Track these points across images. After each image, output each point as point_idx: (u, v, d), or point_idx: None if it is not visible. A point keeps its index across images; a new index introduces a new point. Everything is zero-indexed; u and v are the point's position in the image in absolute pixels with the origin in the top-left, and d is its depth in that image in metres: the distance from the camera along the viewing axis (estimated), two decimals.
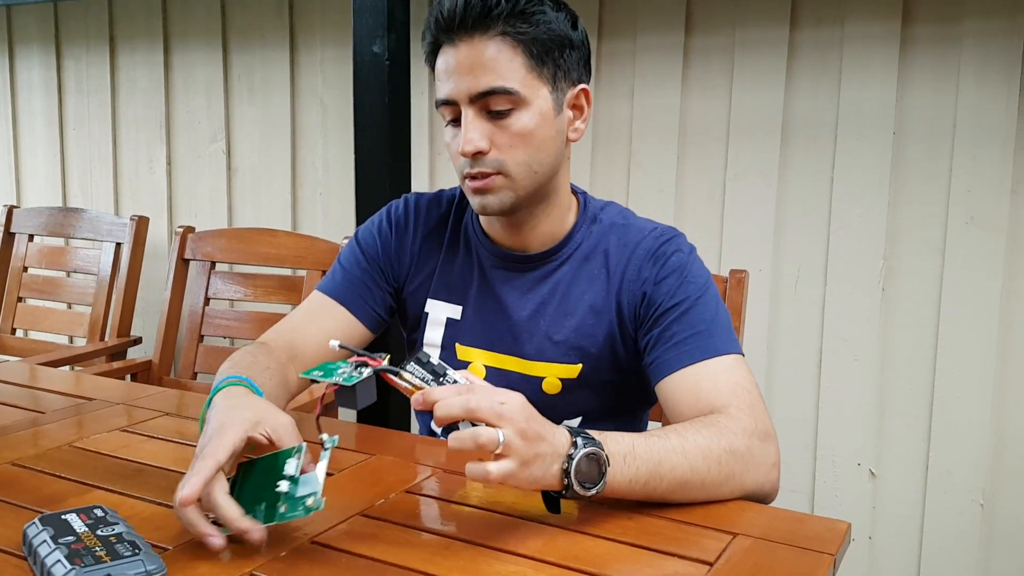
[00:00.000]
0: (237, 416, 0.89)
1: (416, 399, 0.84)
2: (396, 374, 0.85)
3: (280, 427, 0.90)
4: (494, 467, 0.82)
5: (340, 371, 0.85)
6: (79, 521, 0.82)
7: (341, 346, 0.89)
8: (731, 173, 2.02)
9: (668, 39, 2.04)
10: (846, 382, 1.96)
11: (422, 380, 0.85)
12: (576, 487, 0.86)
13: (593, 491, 0.87)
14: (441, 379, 0.87)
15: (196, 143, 2.71)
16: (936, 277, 1.87)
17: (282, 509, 0.83)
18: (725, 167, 2.03)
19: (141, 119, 2.79)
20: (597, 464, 0.88)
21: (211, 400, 0.96)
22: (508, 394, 0.85)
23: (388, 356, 0.88)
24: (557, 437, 0.87)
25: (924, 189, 1.86)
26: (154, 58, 2.73)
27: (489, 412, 0.82)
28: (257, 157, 2.61)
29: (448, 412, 0.82)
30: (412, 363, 0.87)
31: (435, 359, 0.88)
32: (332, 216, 2.52)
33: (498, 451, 0.82)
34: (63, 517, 0.83)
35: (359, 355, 0.87)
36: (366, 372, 0.84)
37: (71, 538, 0.78)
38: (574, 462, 0.86)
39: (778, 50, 1.94)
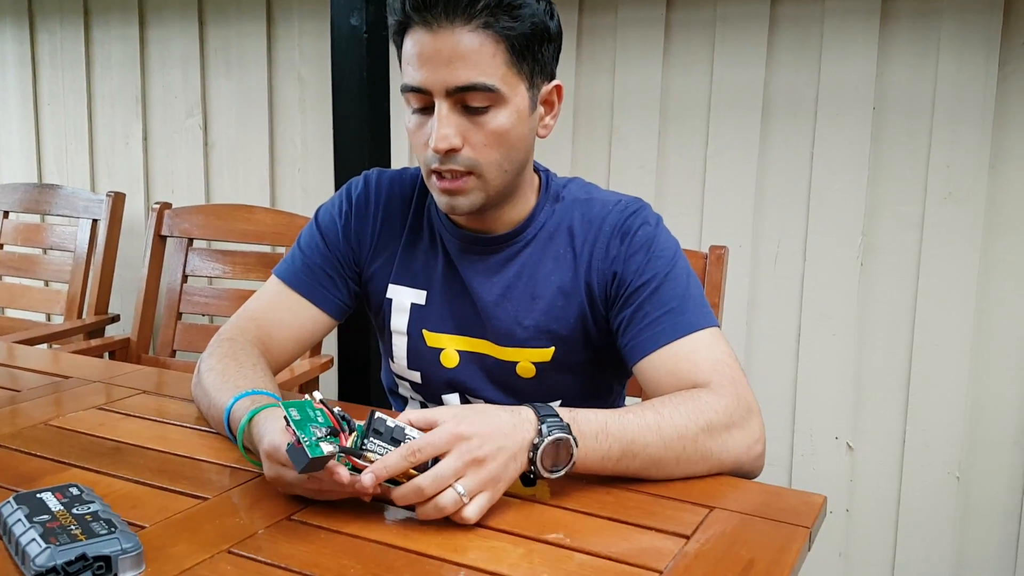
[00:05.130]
0: None
1: (367, 479, 0.83)
2: (359, 456, 0.84)
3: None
4: (468, 511, 0.84)
5: (313, 428, 0.83)
6: (54, 500, 0.81)
7: (321, 401, 0.87)
8: (712, 149, 2.02)
9: (649, 13, 2.02)
10: (825, 357, 1.97)
11: (383, 458, 0.84)
12: (543, 472, 0.88)
13: (561, 473, 0.89)
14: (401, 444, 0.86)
15: (172, 118, 2.67)
16: (914, 252, 1.88)
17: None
18: (706, 142, 2.02)
19: (116, 94, 2.75)
20: (565, 449, 0.89)
21: (248, 422, 0.96)
22: (447, 432, 0.84)
23: (346, 417, 0.87)
24: (518, 431, 0.87)
25: (903, 164, 1.87)
26: (129, 32, 2.69)
27: (440, 485, 0.83)
28: (234, 132, 2.59)
29: (408, 503, 0.84)
30: (372, 437, 0.85)
31: (391, 421, 0.86)
32: (311, 192, 2.50)
33: (466, 500, 0.84)
34: (38, 496, 0.82)
35: (335, 417, 0.86)
36: (329, 450, 0.82)
37: (46, 516, 0.78)
38: (539, 451, 0.87)
39: (759, 24, 1.93)
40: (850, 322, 1.94)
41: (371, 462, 0.84)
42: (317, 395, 0.88)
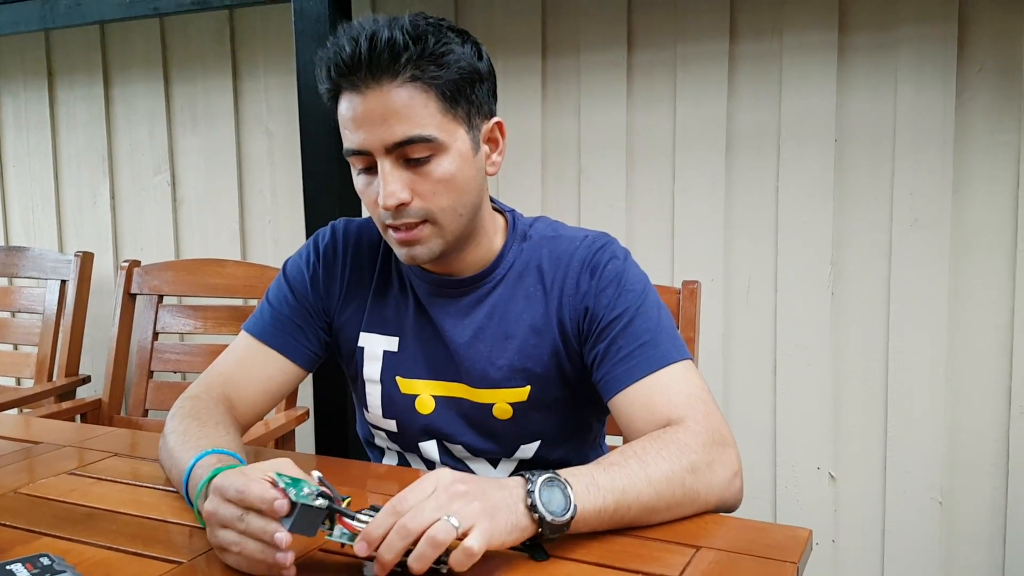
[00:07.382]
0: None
1: (359, 548, 0.79)
2: (352, 517, 0.82)
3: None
4: (471, 541, 0.79)
5: (304, 491, 0.81)
6: (24, 571, 0.79)
7: (321, 480, 0.84)
8: (679, 186, 2.03)
9: (611, 56, 2.05)
10: (801, 387, 1.98)
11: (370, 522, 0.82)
12: (548, 517, 0.84)
13: (567, 516, 0.85)
14: None
15: (140, 175, 2.66)
16: (884, 279, 1.90)
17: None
18: (673, 180, 2.04)
19: (83, 153, 2.74)
20: (559, 489, 0.86)
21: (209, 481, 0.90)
22: (429, 481, 0.82)
23: (349, 499, 0.86)
24: (506, 484, 0.86)
25: (868, 193, 1.89)
26: (94, 91, 2.68)
27: (424, 517, 0.78)
28: (203, 187, 2.58)
29: (394, 551, 0.78)
30: (368, 510, 0.83)
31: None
32: (282, 243, 2.49)
33: (460, 530, 0.79)
34: (8, 567, 0.80)
35: (330, 492, 0.83)
36: (320, 502, 0.81)
37: None
38: (535, 493, 0.84)
39: (719, 63, 1.97)
40: (825, 351, 1.95)
41: (363, 523, 0.82)
42: (316, 474, 0.85)
